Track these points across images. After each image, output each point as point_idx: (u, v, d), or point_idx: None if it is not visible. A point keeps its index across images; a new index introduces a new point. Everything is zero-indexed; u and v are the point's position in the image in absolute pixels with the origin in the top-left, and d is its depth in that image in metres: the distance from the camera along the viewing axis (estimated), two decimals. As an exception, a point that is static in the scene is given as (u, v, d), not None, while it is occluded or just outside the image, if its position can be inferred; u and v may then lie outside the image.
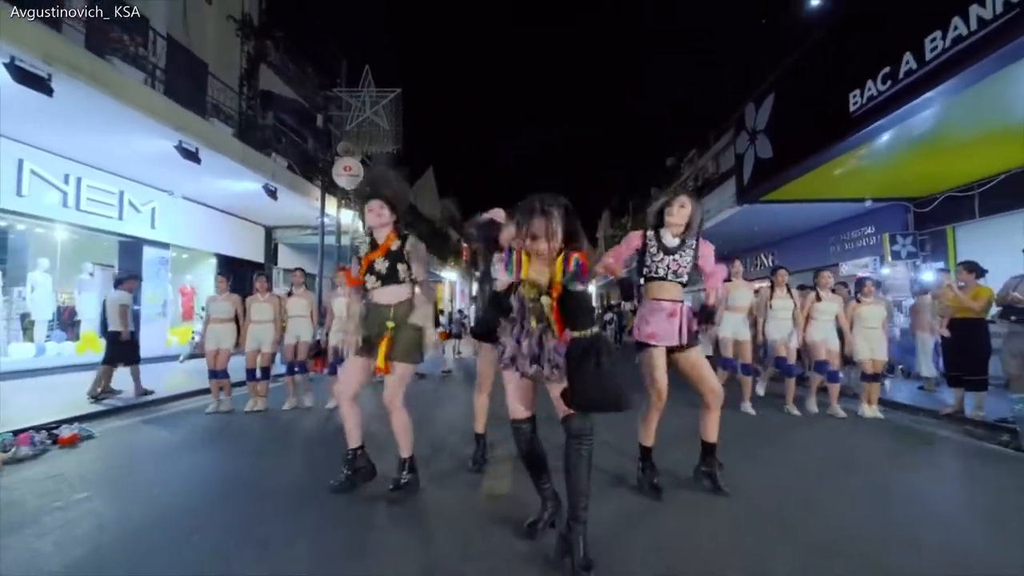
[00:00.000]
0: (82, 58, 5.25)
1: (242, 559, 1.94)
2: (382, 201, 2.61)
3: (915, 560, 1.98)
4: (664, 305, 2.63)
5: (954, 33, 4.43)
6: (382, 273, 2.57)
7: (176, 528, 2.21)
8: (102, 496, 2.61)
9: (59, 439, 3.66)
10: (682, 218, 2.64)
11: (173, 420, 4.77)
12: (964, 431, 4.20)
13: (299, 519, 2.32)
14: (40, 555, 1.94)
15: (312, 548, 2.04)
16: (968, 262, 4.61)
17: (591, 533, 1.87)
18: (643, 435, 2.74)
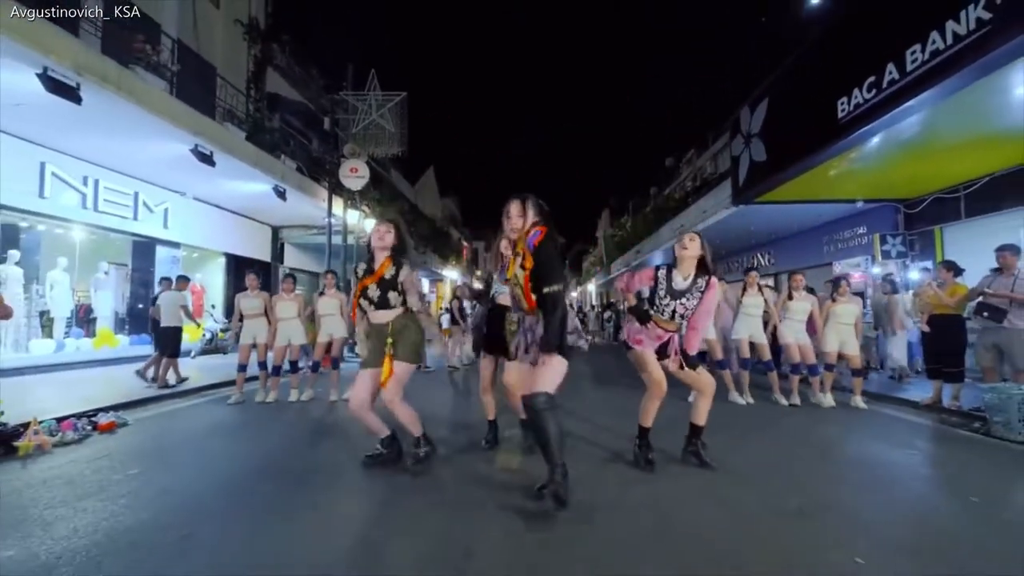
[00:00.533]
0: (110, 68, 5.53)
1: (291, 518, 2.24)
2: (390, 226, 2.92)
3: (886, 517, 2.27)
4: (658, 332, 2.88)
5: (932, 46, 4.71)
6: (374, 300, 2.82)
7: (228, 494, 2.54)
8: (154, 470, 2.92)
9: (99, 425, 3.95)
10: (694, 250, 2.79)
11: (197, 410, 5.07)
12: (940, 419, 4.50)
13: (338, 488, 2.62)
14: (118, 514, 2.25)
15: (352, 510, 2.34)
16: (947, 261, 4.90)
17: (595, 499, 2.16)
18: (643, 417, 3.02)
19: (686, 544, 2.02)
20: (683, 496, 2.55)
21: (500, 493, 2.56)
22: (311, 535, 2.08)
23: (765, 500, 2.49)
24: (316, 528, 2.16)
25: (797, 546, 2.01)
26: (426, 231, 20.02)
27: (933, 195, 8.43)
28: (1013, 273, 4.37)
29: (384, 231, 2.89)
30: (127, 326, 9.84)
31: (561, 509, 2.18)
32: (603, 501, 2.43)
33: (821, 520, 2.27)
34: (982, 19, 4.20)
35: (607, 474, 2.80)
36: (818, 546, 2.02)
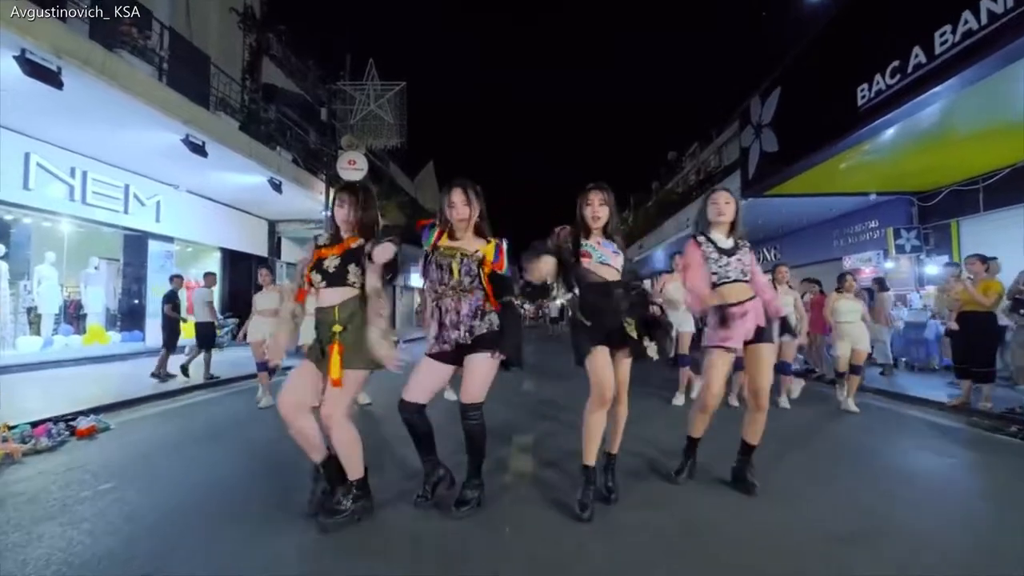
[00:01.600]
0: (92, 51, 5.25)
1: (273, 547, 1.98)
2: (351, 192, 2.29)
3: (949, 542, 2.02)
4: (733, 310, 2.50)
5: (964, 27, 4.44)
6: (329, 272, 2.20)
7: (207, 516, 2.26)
8: (127, 486, 2.64)
9: (77, 431, 3.70)
10: (730, 212, 2.55)
11: (186, 412, 4.82)
12: (971, 422, 4.25)
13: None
14: (76, 543, 1.98)
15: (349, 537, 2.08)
16: (978, 255, 4.65)
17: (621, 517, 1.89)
18: (693, 427, 2.73)
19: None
20: (718, 516, 2.29)
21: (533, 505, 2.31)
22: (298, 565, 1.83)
23: (811, 523, 2.23)
24: (305, 556, 1.91)
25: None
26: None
27: (950, 187, 8.16)
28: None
29: (348, 201, 2.25)
30: (119, 322, 9.58)
31: (471, 508, 2.22)
32: (631, 521, 2.16)
33: (879, 547, 2.02)
34: (1022, -5, 3.92)
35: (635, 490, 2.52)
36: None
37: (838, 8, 6.52)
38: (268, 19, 13.12)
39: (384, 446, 3.38)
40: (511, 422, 4.11)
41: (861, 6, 6.01)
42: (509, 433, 3.72)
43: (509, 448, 3.36)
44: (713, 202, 2.59)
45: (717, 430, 2.86)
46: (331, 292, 2.20)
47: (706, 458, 2.82)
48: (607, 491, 2.45)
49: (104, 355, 8.59)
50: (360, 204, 2.25)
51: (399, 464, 3.01)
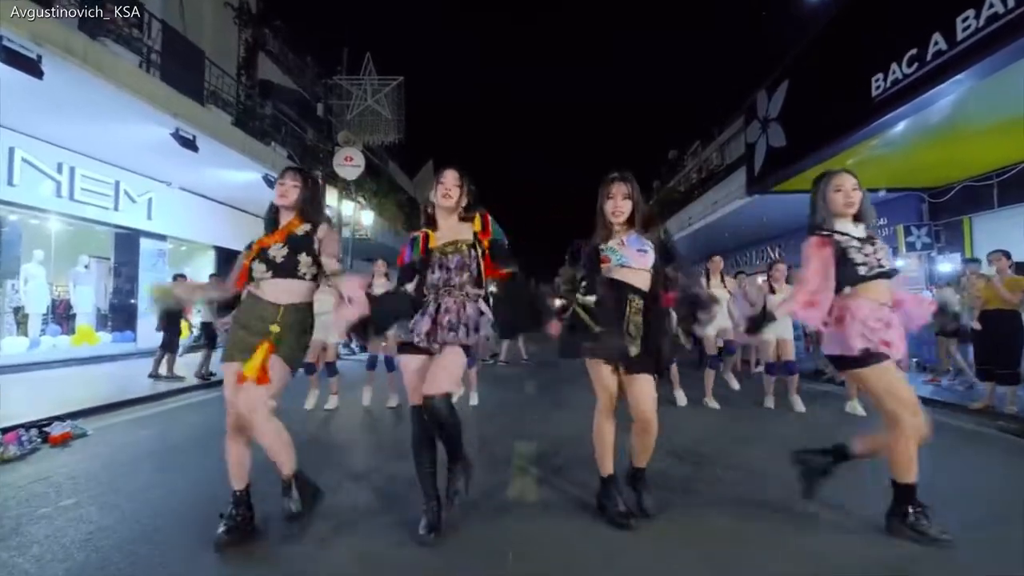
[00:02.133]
0: (74, 39, 5.03)
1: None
2: (296, 174, 2.15)
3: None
4: (878, 311, 2.07)
5: (990, 10, 4.22)
6: (275, 261, 2.01)
7: (167, 540, 2.02)
8: (92, 502, 2.41)
9: (50, 437, 3.48)
10: (858, 199, 2.19)
11: (167, 417, 4.60)
12: (998, 427, 4.03)
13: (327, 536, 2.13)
14: (18, 572, 1.74)
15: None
16: (1003, 251, 4.43)
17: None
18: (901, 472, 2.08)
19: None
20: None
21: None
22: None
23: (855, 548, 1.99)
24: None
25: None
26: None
27: (962, 183, 7.95)
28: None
29: (291, 181, 2.12)
30: (110, 322, 9.35)
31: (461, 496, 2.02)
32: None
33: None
34: (1053, -25, 3.70)
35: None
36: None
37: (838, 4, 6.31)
38: (264, 14, 12.92)
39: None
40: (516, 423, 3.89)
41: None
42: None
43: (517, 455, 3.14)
44: (838, 188, 2.22)
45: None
46: (278, 284, 2.02)
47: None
48: (639, 510, 2.25)
49: (93, 356, 8.37)
50: (305, 184, 2.14)
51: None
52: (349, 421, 4.44)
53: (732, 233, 13.10)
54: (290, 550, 1.96)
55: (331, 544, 2.01)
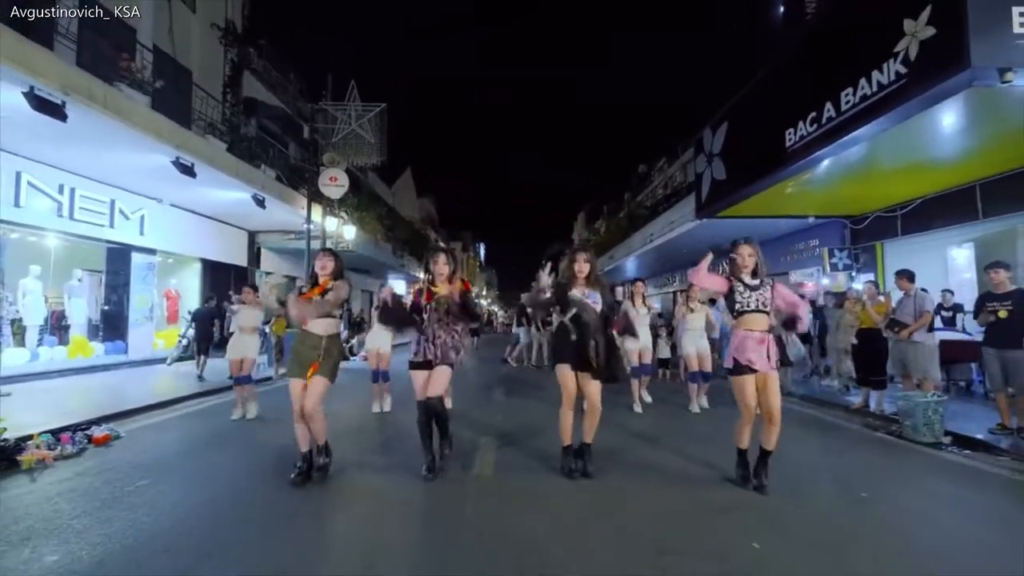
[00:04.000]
0: (96, 86, 5.66)
1: (298, 525, 2.58)
2: (331, 256, 3.42)
3: (793, 512, 2.76)
4: (755, 335, 3.14)
5: (862, 91, 5.31)
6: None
7: (228, 508, 2.82)
8: (161, 482, 3.18)
9: (94, 438, 4.15)
10: (752, 264, 3.22)
11: (183, 422, 5.27)
12: (865, 423, 5.11)
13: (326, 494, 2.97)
14: (139, 523, 2.54)
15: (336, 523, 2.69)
16: (872, 282, 5.54)
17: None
18: (738, 440, 3.32)
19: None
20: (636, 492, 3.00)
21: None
22: (317, 543, 2.43)
23: (700, 501, 2.95)
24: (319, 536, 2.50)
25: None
26: (405, 235, 20.19)
27: (875, 213, 9.20)
28: (910, 295, 5.08)
29: (326, 261, 3.37)
30: (101, 333, 9.79)
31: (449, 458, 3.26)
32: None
33: (746, 518, 2.75)
34: (899, 72, 4.79)
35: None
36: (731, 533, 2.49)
37: (776, 57, 7.42)
38: (249, 33, 13.46)
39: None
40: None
41: (790, 60, 6.92)
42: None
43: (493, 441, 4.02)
44: (738, 254, 3.27)
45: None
46: (319, 323, 3.27)
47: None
48: (584, 472, 3.34)
49: (88, 366, 8.82)
50: (335, 261, 3.42)
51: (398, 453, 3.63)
52: (353, 422, 5.22)
53: (689, 250, 14.26)
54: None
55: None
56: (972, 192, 7.29)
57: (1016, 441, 4.10)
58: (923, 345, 4.91)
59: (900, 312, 5.07)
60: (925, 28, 4.49)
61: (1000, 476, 3.51)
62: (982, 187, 7.19)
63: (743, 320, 3.21)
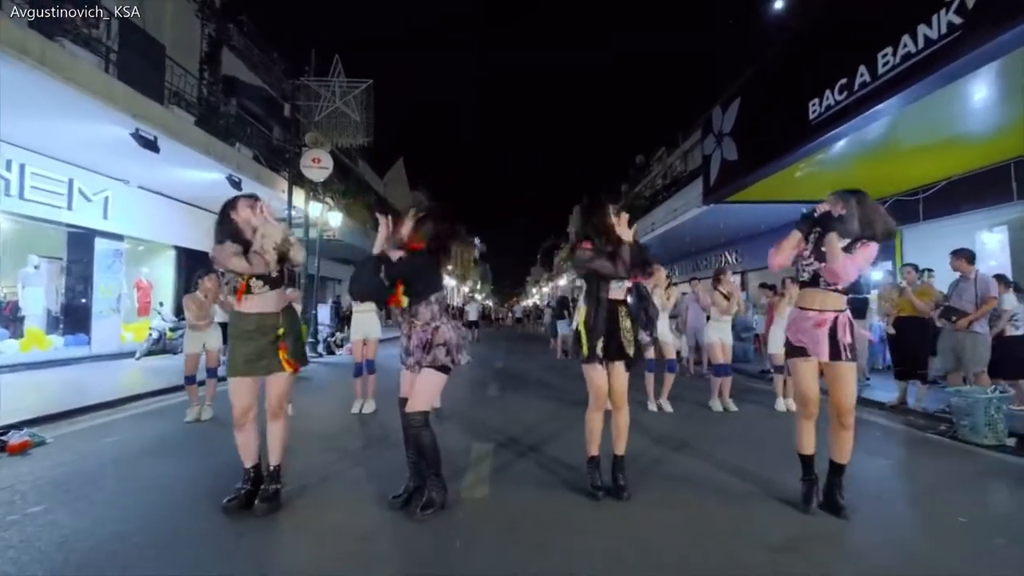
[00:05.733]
0: (31, 40, 4.92)
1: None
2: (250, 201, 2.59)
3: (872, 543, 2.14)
4: (810, 315, 2.51)
5: (904, 50, 4.70)
6: (271, 276, 2.50)
7: (141, 544, 2.14)
8: (60, 509, 2.48)
9: (8, 446, 3.46)
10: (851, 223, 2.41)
11: (130, 423, 4.58)
12: (907, 422, 4.52)
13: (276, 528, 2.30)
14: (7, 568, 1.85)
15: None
16: (912, 264, 4.95)
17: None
18: (800, 444, 2.59)
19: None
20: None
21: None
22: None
23: (750, 528, 2.32)
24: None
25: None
26: (394, 225, 19.43)
27: (894, 197, 8.64)
28: (969, 277, 4.46)
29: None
30: (61, 325, 9.03)
31: (435, 510, 2.35)
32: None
33: (809, 552, 2.13)
34: (953, 23, 4.19)
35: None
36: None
37: (794, 26, 6.81)
38: (228, 8, 12.64)
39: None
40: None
41: (815, 26, 6.29)
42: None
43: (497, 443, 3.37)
44: (844, 202, 2.48)
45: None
46: (269, 296, 2.50)
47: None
48: (619, 489, 2.64)
49: (45, 360, 8.09)
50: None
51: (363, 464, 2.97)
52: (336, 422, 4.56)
53: (692, 238, 13.71)
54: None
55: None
56: (1007, 171, 6.74)
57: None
58: (983, 335, 4.31)
59: (958, 298, 4.44)
60: (989, -32, 3.88)
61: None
62: (1017, 165, 6.65)
63: (800, 295, 2.61)
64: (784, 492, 2.69)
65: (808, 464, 2.57)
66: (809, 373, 2.52)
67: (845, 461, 2.46)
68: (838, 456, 2.47)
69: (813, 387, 2.52)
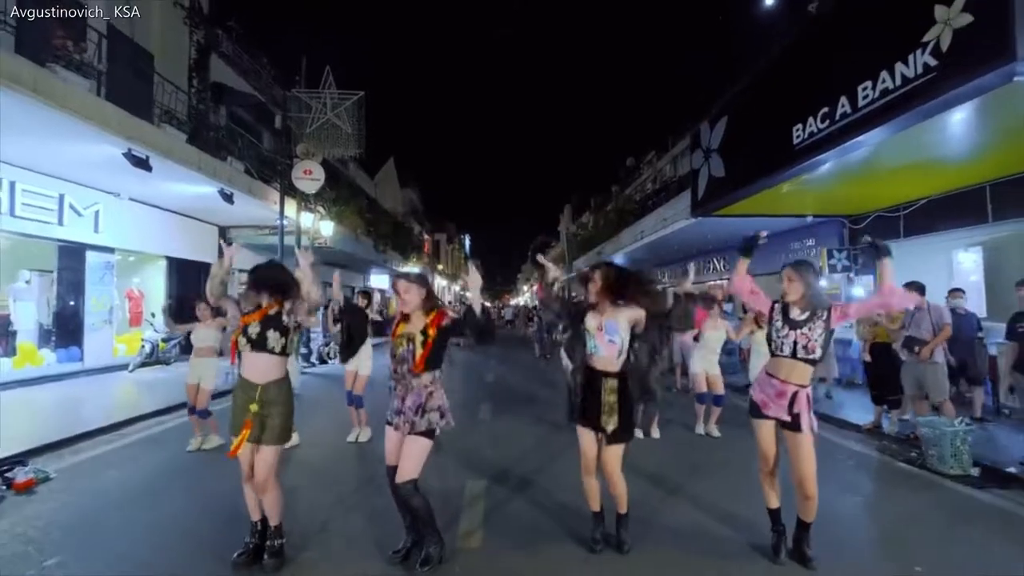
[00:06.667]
0: (23, 68, 4.93)
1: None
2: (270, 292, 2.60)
3: None
4: (775, 383, 2.61)
5: (883, 85, 4.87)
6: (252, 338, 2.51)
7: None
8: (76, 559, 2.57)
9: (14, 484, 3.55)
10: (795, 291, 2.60)
11: (134, 452, 4.66)
12: (880, 447, 4.74)
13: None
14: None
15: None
16: (916, 283, 5.11)
17: None
18: (767, 499, 2.75)
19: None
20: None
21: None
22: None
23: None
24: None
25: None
26: (387, 229, 19.46)
27: (876, 212, 8.89)
28: (922, 308, 4.68)
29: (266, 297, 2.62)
30: (54, 338, 9.00)
31: (432, 565, 2.44)
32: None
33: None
34: (929, 64, 4.36)
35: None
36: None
37: (778, 49, 6.96)
38: (217, 14, 12.54)
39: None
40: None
41: (799, 51, 6.44)
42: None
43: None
44: (782, 280, 2.70)
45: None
46: (255, 359, 2.52)
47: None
48: (619, 544, 2.72)
49: (38, 376, 8.09)
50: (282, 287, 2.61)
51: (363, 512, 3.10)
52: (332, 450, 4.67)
53: (680, 245, 13.91)
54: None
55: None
56: (982, 193, 6.98)
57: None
58: (941, 365, 4.54)
59: (916, 328, 4.66)
60: (960, 15, 4.05)
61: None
62: (992, 188, 6.89)
63: (771, 363, 2.69)
64: (758, 537, 2.84)
65: (775, 517, 2.72)
66: (768, 432, 2.67)
67: (810, 520, 2.60)
68: (804, 516, 2.61)
69: (772, 446, 2.67)
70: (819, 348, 2.54)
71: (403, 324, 2.58)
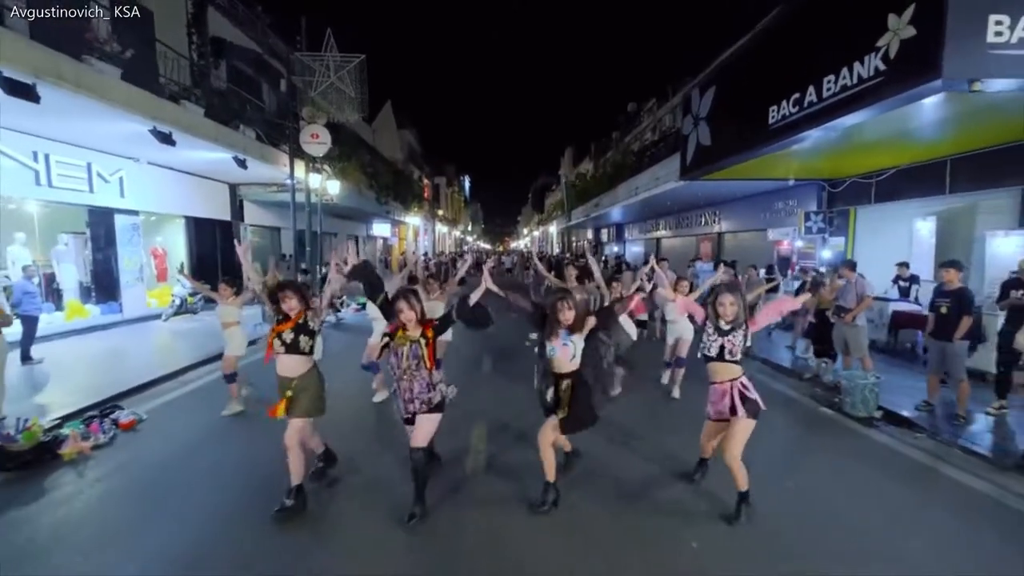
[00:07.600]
0: (65, 66, 5.43)
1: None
2: (293, 292, 3.18)
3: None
4: (716, 387, 3.13)
5: (843, 80, 5.38)
6: (287, 342, 3.14)
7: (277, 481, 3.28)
8: (191, 472, 3.67)
9: (120, 424, 4.54)
10: (731, 312, 3.04)
11: (196, 400, 5.57)
12: (812, 393, 5.78)
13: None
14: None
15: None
16: (849, 261, 6.03)
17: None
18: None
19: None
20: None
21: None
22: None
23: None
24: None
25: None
26: (387, 180, 19.84)
27: (853, 178, 9.45)
28: (851, 282, 5.70)
29: (290, 297, 3.18)
30: (93, 294, 9.92)
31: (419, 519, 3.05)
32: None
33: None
34: (879, 68, 4.88)
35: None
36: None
37: (761, 28, 7.25)
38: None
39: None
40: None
41: (775, 35, 6.78)
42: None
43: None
44: (719, 303, 3.09)
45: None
46: (288, 359, 3.18)
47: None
48: (555, 501, 3.25)
49: (86, 327, 9.07)
50: (300, 294, 3.22)
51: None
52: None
53: (674, 201, 14.48)
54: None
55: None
56: (943, 167, 7.56)
57: (935, 421, 4.74)
58: (862, 327, 5.52)
59: (843, 298, 5.62)
60: (907, 27, 4.54)
61: (914, 460, 4.07)
62: (953, 162, 7.46)
63: (708, 368, 3.18)
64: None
65: (704, 462, 3.60)
66: (710, 429, 3.33)
67: (741, 489, 3.14)
68: (735, 485, 3.16)
69: (710, 439, 3.38)
70: (739, 352, 3.07)
71: (403, 331, 3.06)
